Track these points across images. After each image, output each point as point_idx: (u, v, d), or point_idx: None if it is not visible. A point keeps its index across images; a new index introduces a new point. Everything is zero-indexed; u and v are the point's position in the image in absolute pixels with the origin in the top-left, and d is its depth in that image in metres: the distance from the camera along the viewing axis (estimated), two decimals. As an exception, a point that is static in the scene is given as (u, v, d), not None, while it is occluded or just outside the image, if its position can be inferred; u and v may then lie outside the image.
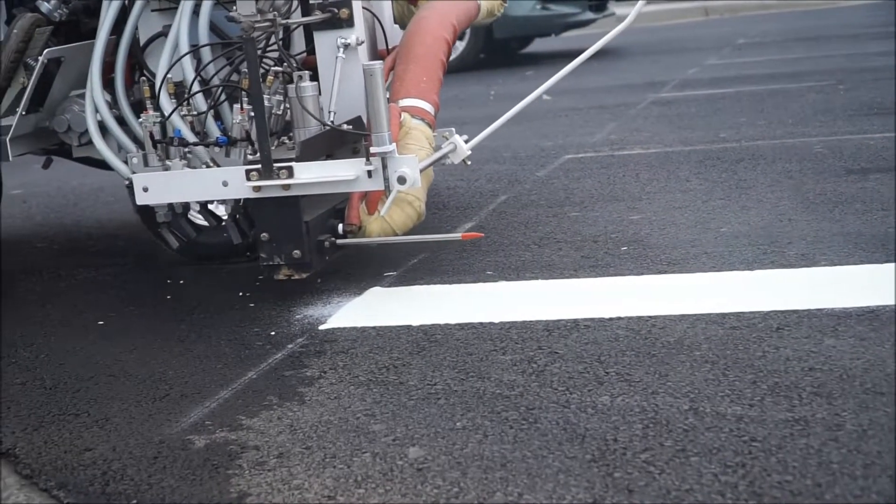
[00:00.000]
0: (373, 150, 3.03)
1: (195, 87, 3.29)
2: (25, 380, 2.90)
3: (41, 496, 2.20)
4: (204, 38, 3.33)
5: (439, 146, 3.55)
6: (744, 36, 10.99)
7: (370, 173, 3.06)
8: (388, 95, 3.33)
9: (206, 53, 3.33)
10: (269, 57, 3.33)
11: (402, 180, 3.04)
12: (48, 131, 3.63)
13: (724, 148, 4.96)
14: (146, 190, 3.27)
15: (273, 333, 3.04)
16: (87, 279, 3.93)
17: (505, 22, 9.25)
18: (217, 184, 3.18)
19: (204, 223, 3.63)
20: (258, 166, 3.10)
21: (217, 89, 3.30)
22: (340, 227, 3.31)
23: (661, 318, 2.78)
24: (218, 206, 3.53)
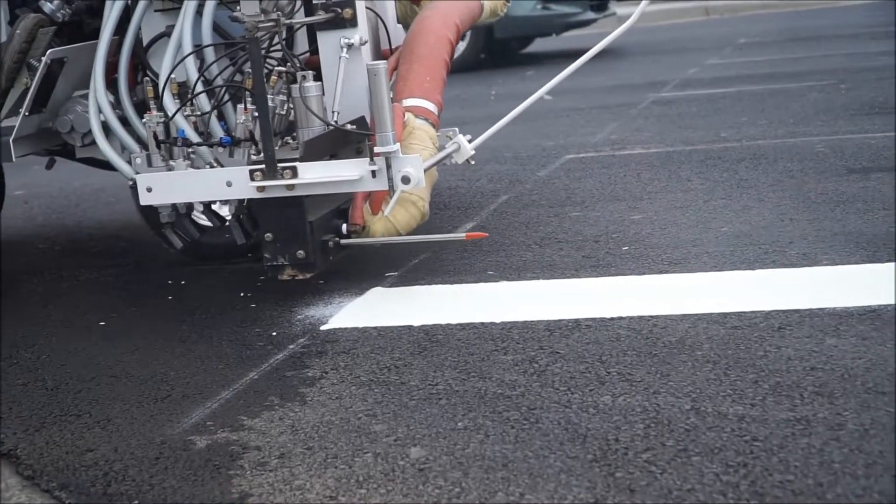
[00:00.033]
0: (377, 149, 3.03)
1: (198, 87, 3.29)
2: (27, 380, 2.90)
3: (43, 497, 2.20)
4: (207, 39, 3.33)
5: (443, 146, 3.55)
6: (744, 35, 10.99)
7: (374, 173, 3.06)
8: (391, 95, 3.33)
9: (209, 53, 3.33)
10: (272, 57, 3.34)
11: (406, 180, 3.04)
12: (51, 132, 3.63)
13: (725, 147, 4.96)
14: (150, 190, 3.27)
15: (274, 334, 3.04)
16: (89, 280, 3.93)
17: (506, 22, 9.23)
18: (221, 184, 3.18)
19: (207, 223, 3.63)
20: (262, 166, 3.10)
21: (220, 89, 3.30)
22: (344, 227, 3.31)
23: (663, 318, 2.78)
24: (221, 207, 3.53)
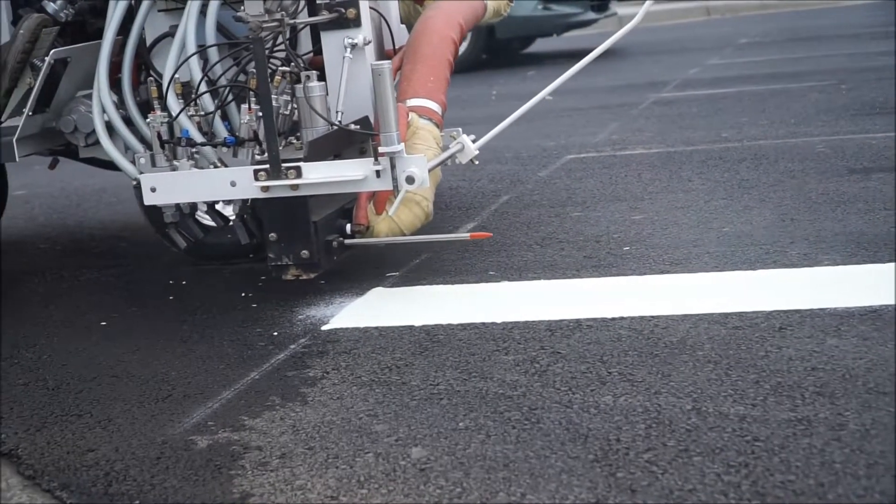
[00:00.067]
0: (381, 149, 3.03)
1: (202, 87, 3.29)
2: (28, 380, 2.90)
3: (44, 497, 2.20)
4: (211, 39, 3.32)
5: (447, 146, 3.55)
6: (745, 36, 10.98)
7: (379, 173, 3.06)
8: (395, 95, 3.34)
9: (212, 53, 3.33)
10: (276, 57, 3.33)
11: (410, 180, 3.04)
12: (55, 132, 3.63)
13: (726, 148, 4.96)
14: (154, 190, 3.27)
15: (275, 334, 3.04)
16: (90, 280, 3.93)
17: (507, 22, 9.21)
18: (225, 184, 3.18)
19: (211, 223, 3.63)
20: (266, 166, 3.10)
21: (224, 89, 3.30)
22: (348, 227, 3.31)
23: (664, 318, 2.78)
24: (225, 207, 3.53)
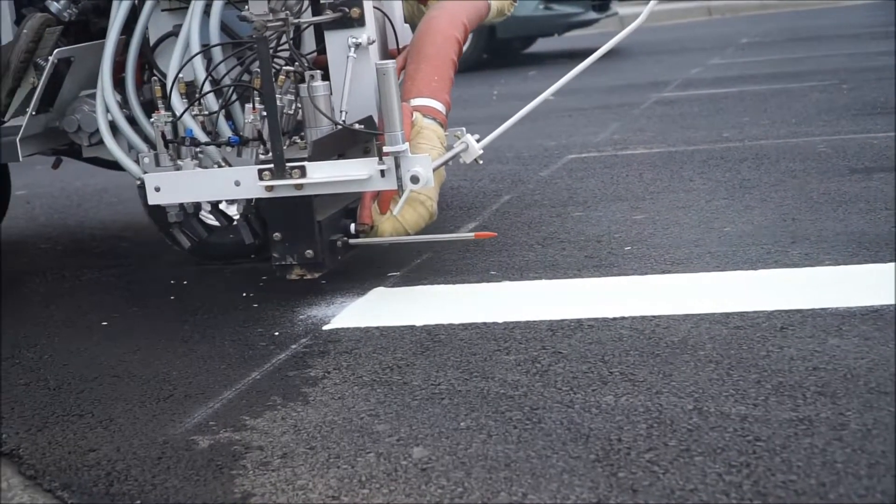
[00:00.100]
0: (386, 149, 3.02)
1: (206, 86, 3.29)
2: (29, 380, 2.90)
3: (45, 497, 2.20)
4: (215, 38, 3.32)
5: (451, 145, 3.55)
6: (746, 35, 10.98)
7: (383, 173, 3.05)
8: (399, 95, 3.33)
9: (216, 53, 3.33)
10: (280, 56, 3.33)
11: (415, 180, 3.04)
12: (58, 131, 3.63)
13: (727, 147, 4.95)
14: (158, 190, 3.26)
15: (277, 334, 3.04)
16: (91, 280, 3.93)
17: (508, 22, 9.17)
18: (229, 183, 3.17)
19: (215, 223, 3.62)
20: (271, 166, 3.10)
21: (228, 89, 3.30)
22: (353, 226, 3.31)
23: (665, 318, 2.78)
24: (229, 207, 3.53)
